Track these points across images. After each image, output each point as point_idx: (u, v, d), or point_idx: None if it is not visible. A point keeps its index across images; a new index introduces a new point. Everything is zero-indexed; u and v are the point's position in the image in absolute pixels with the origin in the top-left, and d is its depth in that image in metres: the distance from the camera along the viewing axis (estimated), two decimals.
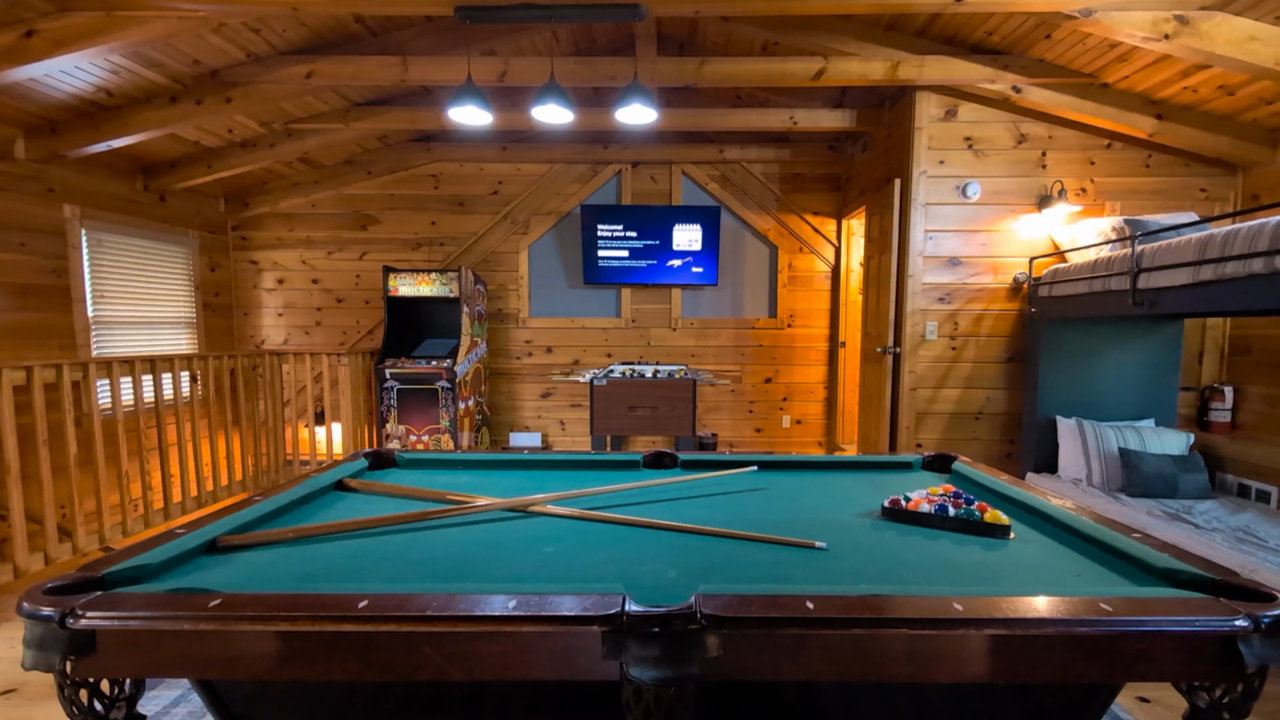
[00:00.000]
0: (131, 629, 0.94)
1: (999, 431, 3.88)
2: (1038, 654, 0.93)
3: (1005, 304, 3.79)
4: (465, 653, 0.93)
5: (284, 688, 1.15)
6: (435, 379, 4.48)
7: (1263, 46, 2.70)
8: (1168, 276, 2.63)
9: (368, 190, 5.23)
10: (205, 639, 0.94)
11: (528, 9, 2.64)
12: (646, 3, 2.64)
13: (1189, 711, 1.04)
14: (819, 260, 5.26)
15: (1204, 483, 3.19)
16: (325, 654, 0.94)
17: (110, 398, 3.38)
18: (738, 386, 5.35)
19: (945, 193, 3.74)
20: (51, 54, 2.78)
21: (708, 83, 3.54)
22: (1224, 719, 1.00)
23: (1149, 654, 0.94)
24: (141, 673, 0.97)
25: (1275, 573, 2.23)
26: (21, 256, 3.59)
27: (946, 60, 3.41)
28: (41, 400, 2.92)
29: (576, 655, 0.94)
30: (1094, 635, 0.93)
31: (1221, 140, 3.46)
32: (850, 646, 0.93)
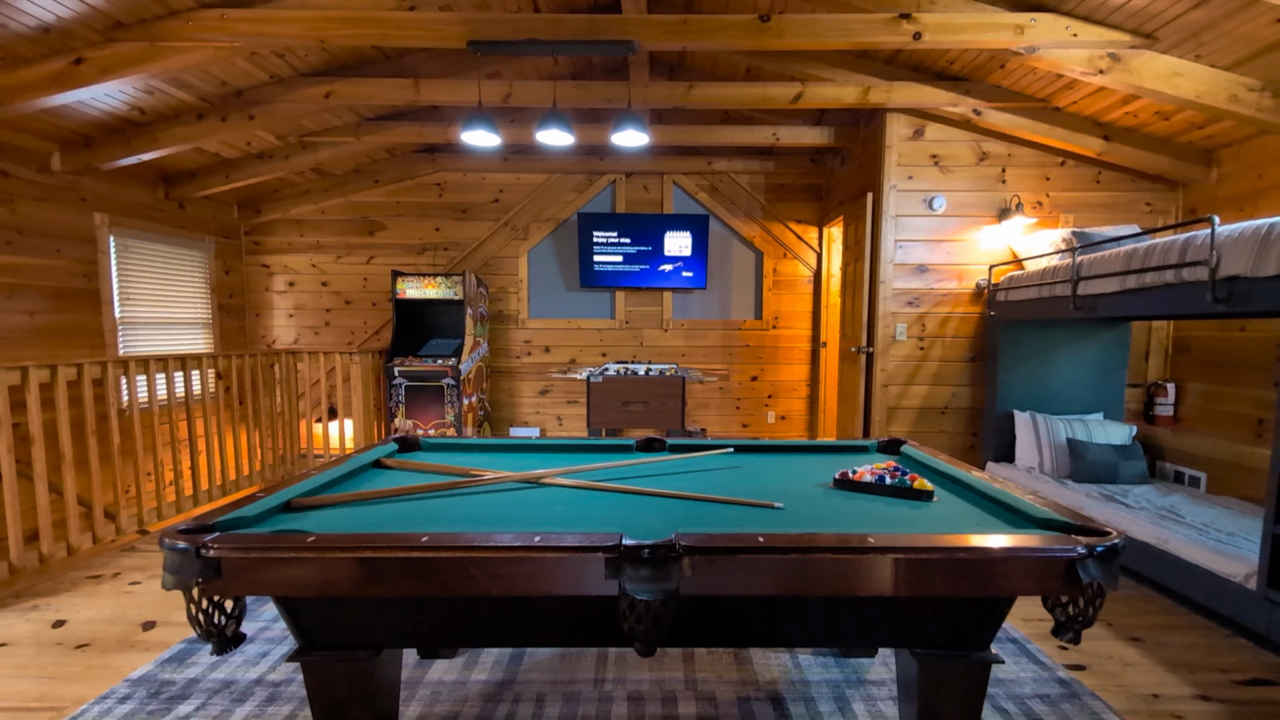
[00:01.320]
0: (250, 558, 1.24)
1: (963, 425, 4.21)
2: (929, 574, 1.25)
3: (968, 307, 4.13)
4: (502, 574, 1.24)
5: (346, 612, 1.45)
6: (441, 376, 4.78)
7: (1185, 81, 3.05)
8: (1101, 284, 2.97)
9: (375, 198, 5.51)
10: (305, 565, 1.24)
11: (533, 44, 2.95)
12: (638, 39, 2.95)
13: (1054, 625, 1.36)
14: (802, 265, 5.59)
15: (1142, 469, 3.54)
16: (397, 576, 1.24)
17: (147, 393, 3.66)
18: (725, 384, 5.67)
19: (914, 205, 4.07)
20: (98, 80, 3.06)
21: (695, 104, 3.85)
22: (1076, 627, 1.32)
23: (1011, 574, 1.26)
24: (255, 592, 1.27)
25: (1184, 542, 2.56)
26: (57, 262, 3.85)
27: (913, 86, 3.75)
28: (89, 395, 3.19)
29: (585, 576, 1.25)
30: (970, 560, 1.25)
31: (1162, 160, 3.81)
32: (790, 568, 1.25)
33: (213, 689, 1.96)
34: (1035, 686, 2.00)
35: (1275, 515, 2.12)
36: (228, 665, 2.09)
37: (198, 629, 1.28)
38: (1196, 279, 2.44)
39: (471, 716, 1.83)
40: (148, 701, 1.89)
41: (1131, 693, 2.00)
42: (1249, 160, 3.55)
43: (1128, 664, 2.17)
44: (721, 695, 1.94)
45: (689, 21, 2.96)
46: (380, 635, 1.45)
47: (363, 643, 1.46)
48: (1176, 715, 1.88)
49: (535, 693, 1.95)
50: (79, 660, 2.14)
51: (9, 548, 2.71)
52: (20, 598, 2.64)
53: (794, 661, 2.14)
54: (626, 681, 2.00)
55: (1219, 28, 2.78)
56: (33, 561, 2.78)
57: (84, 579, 2.84)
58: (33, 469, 2.83)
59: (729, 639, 1.47)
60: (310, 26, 2.93)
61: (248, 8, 2.96)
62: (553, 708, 1.87)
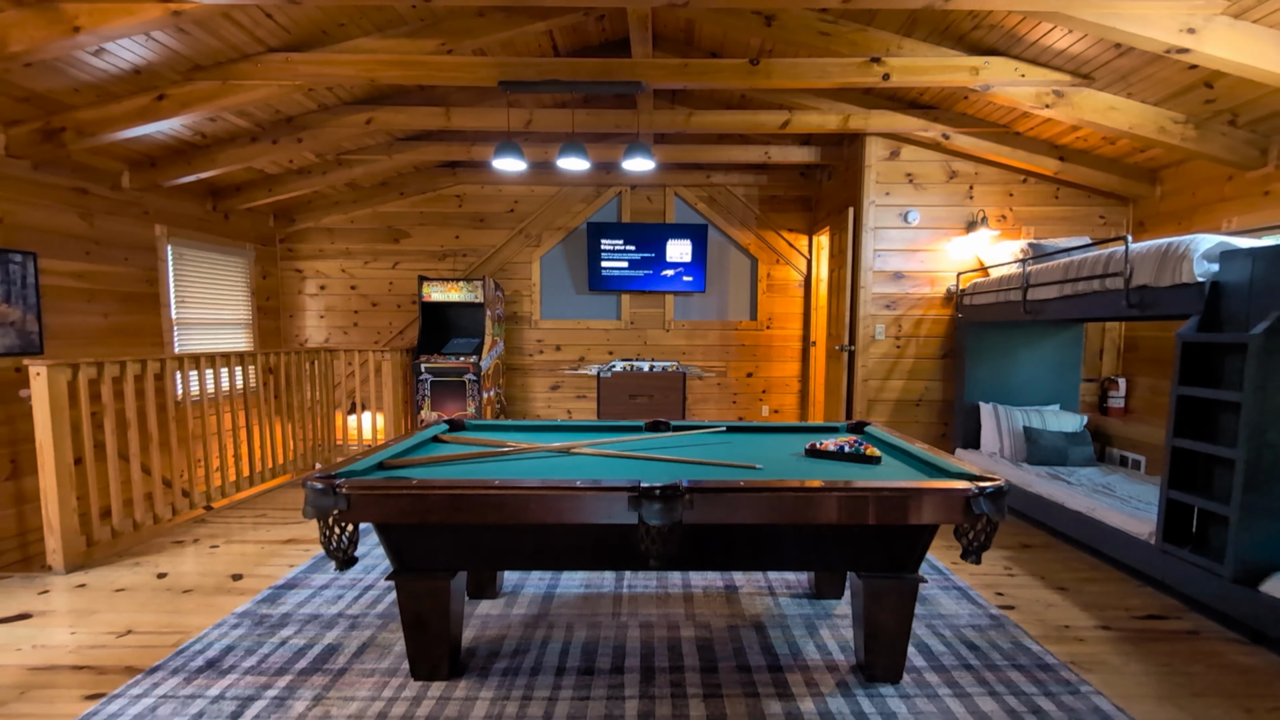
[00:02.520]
0: (373, 494, 1.71)
1: (936, 415, 4.68)
2: (863, 506, 1.72)
3: (940, 310, 4.60)
4: (553, 507, 1.71)
5: (429, 542, 1.91)
6: (463, 372, 5.24)
7: (1120, 114, 3.52)
8: (1045, 291, 3.43)
9: (400, 208, 5.98)
10: (410, 499, 1.71)
11: (554, 83, 3.41)
12: (645, 79, 3.42)
13: (962, 551, 1.83)
14: (793, 270, 6.06)
15: (1090, 454, 4.00)
16: (476, 507, 1.71)
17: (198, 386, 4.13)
18: (723, 380, 6.14)
19: (891, 219, 4.54)
20: (177, 113, 3.54)
21: (695, 129, 4.32)
22: (975, 549, 1.78)
23: (924, 507, 1.73)
24: (374, 519, 1.74)
25: (1108, 510, 3.03)
26: (125, 269, 4.33)
27: (889, 114, 4.21)
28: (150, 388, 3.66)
29: (614, 509, 1.71)
30: (892, 496, 1.72)
31: (1112, 178, 4.28)
32: (763, 503, 1.71)
33: (304, 619, 2.43)
34: (970, 620, 2.47)
35: (1169, 484, 2.59)
36: (312, 603, 2.56)
37: (328, 549, 1.75)
38: (1115, 287, 2.90)
39: (516, 638, 2.30)
40: (254, 628, 2.36)
41: (1048, 625, 2.46)
42: (1185, 180, 4.02)
43: (1050, 605, 2.63)
44: (715, 624, 2.41)
45: (689, 65, 3.43)
46: (452, 561, 1.92)
47: (440, 567, 1.93)
48: (1079, 639, 2.35)
49: (565, 622, 2.42)
50: (188, 601, 2.61)
51: (112, 515, 3.18)
52: (122, 556, 3.11)
53: (775, 602, 2.60)
54: (639, 615, 2.47)
55: (1142, 72, 3.25)
56: (128, 527, 3.26)
57: (169, 544, 3.31)
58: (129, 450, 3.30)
59: (719, 563, 1.94)
60: (363, 68, 3.40)
61: (308, 51, 3.43)
62: (580, 632, 2.34)
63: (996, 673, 2.09)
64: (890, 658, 2.00)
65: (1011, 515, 3.86)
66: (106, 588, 2.74)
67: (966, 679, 2.05)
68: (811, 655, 2.19)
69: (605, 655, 2.17)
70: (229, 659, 2.14)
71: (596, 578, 2.83)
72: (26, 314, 3.64)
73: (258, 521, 3.65)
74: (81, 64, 3.16)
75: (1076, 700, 1.94)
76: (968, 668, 2.12)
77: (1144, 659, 2.21)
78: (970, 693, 1.97)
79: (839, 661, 2.16)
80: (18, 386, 3.58)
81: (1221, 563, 2.36)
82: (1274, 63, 2.70)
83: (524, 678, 2.04)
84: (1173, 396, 2.57)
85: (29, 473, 3.63)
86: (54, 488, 2.85)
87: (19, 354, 3.59)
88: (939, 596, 2.68)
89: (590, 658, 2.16)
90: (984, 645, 2.27)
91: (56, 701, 1.92)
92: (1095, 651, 2.26)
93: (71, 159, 3.87)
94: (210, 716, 1.83)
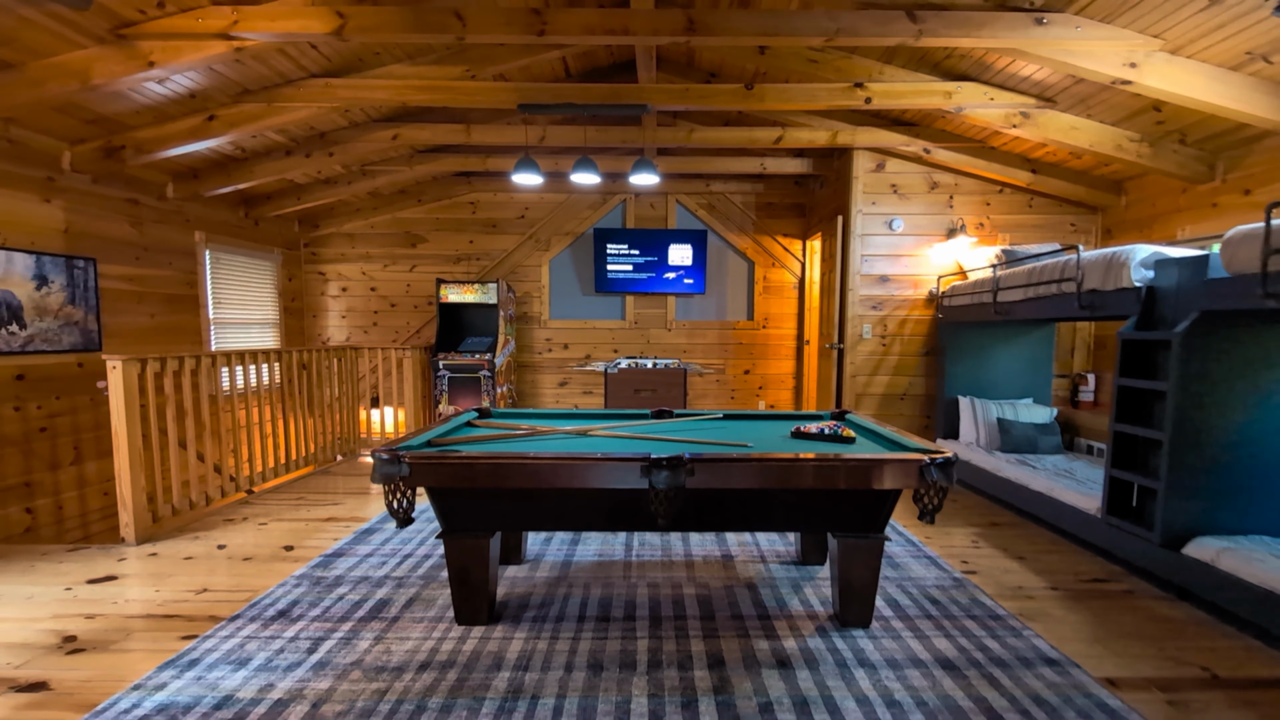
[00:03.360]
0: (430, 463, 2.07)
1: (919, 409, 5.04)
2: (835, 473, 2.08)
3: (922, 311, 4.96)
4: (578, 474, 2.07)
5: (472, 507, 2.27)
6: (479, 369, 5.60)
7: (1081, 134, 3.88)
8: (1012, 294, 3.79)
9: (418, 215, 6.35)
10: (461, 467, 2.07)
11: (568, 106, 3.77)
12: (650, 102, 3.78)
13: (919, 513, 2.19)
14: (788, 273, 6.42)
15: (1058, 443, 4.36)
16: (514, 475, 2.07)
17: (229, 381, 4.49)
18: (721, 377, 6.50)
19: (877, 226, 4.90)
20: (225, 133, 3.90)
21: (696, 144, 4.68)
22: (930, 511, 2.14)
23: (885, 474, 2.09)
24: (431, 483, 2.10)
25: (1065, 490, 3.39)
26: (169, 272, 4.69)
27: (874, 130, 4.57)
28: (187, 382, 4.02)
29: (627, 476, 2.07)
30: (858, 466, 2.08)
31: (1080, 189, 4.64)
32: (752, 471, 2.07)
33: (355, 580, 2.79)
34: (935, 582, 2.83)
35: (1112, 464, 2.95)
36: (360, 568, 2.92)
37: (391, 509, 2.12)
38: (1070, 291, 3.26)
39: (541, 595, 2.66)
40: (313, 587, 2.72)
41: (1003, 586, 2.82)
42: (1146, 191, 4.38)
43: (1008, 570, 2.99)
44: (713, 584, 2.77)
45: (690, 89, 3.79)
46: (491, 522, 2.28)
47: (481, 528, 2.29)
48: (1030, 597, 2.71)
49: (583, 582, 2.78)
50: (249, 567, 2.98)
51: (173, 494, 3.54)
52: (182, 531, 3.47)
53: (765, 567, 2.96)
54: (646, 577, 2.83)
55: (1098, 97, 3.61)
56: (185, 506, 3.62)
57: (220, 521, 3.67)
58: (185, 437, 3.66)
59: (716, 524, 2.30)
60: (395, 92, 3.76)
61: (346, 77, 3.79)
62: (595, 590, 2.70)
63: (953, 621, 2.45)
64: (861, 606, 2.36)
65: (983, 497, 4.22)
66: (175, 556, 3.10)
67: (927, 625, 2.41)
68: (795, 607, 2.55)
69: (619, 607, 2.54)
70: (296, 610, 2.50)
71: (608, 547, 3.19)
72: (88, 314, 4.00)
73: (297, 503, 4.01)
74: (144, 90, 3.52)
75: (1018, 641, 2.30)
76: (929, 617, 2.48)
77: (1082, 612, 2.57)
78: (928, 635, 2.33)
79: (819, 612, 2.52)
80: (82, 381, 3.94)
81: (1152, 530, 2.72)
82: (1205, 93, 3.06)
83: (550, 624, 2.40)
84: (1115, 387, 2.93)
85: (89, 459, 4.00)
86: (127, 468, 3.21)
87: (81, 351, 3.96)
88: (910, 564, 3.04)
89: (606, 609, 2.52)
90: (945, 601, 2.63)
91: (159, 640, 2.28)
92: (1041, 606, 2.62)
93: (125, 173, 4.23)
94: (290, 651, 2.19)
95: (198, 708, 1.87)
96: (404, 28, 2.91)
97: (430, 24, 2.91)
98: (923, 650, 2.23)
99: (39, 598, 2.63)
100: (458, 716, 1.83)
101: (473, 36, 2.91)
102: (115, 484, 3.32)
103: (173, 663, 2.12)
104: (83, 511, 3.97)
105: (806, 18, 2.93)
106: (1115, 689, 2.01)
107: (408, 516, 2.15)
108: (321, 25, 2.90)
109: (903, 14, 2.93)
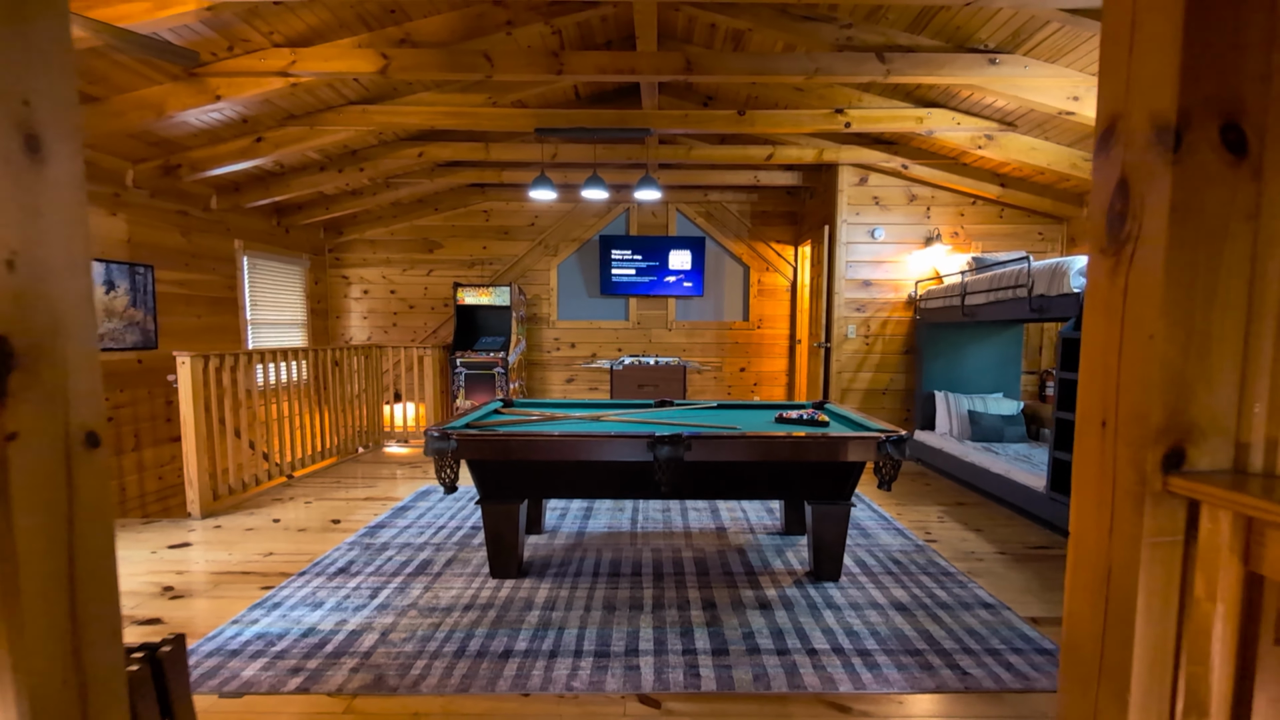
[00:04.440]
0: (474, 440, 2.51)
1: (899, 403, 5.48)
2: (809, 448, 2.52)
3: (902, 313, 5.40)
4: (595, 448, 2.52)
5: (504, 479, 2.71)
6: (493, 366, 6.05)
7: (1040, 154, 4.32)
8: (976, 298, 4.24)
9: (435, 222, 6.79)
10: (499, 443, 2.52)
11: (580, 130, 4.21)
12: (653, 126, 4.22)
13: (878, 482, 2.63)
14: (781, 277, 6.86)
15: (1022, 433, 4.80)
16: (541, 448, 2.52)
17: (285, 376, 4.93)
18: (719, 374, 6.94)
19: (860, 235, 5.34)
20: (270, 153, 4.34)
21: (694, 161, 5.12)
22: (887, 479, 2.59)
23: (850, 448, 2.53)
24: (475, 456, 2.54)
25: (1020, 472, 3.83)
26: (212, 277, 5.13)
27: (856, 149, 5.02)
28: (227, 377, 4.46)
29: (636, 450, 2.51)
30: (827, 442, 2.52)
31: (1045, 201, 5.08)
32: (740, 446, 2.52)
33: (400, 546, 3.23)
34: (900, 548, 3.27)
35: (1054, 446, 3.39)
36: (402, 536, 3.36)
37: (440, 478, 2.56)
38: (1023, 295, 3.71)
39: (560, 558, 3.10)
40: (364, 551, 3.16)
41: (958, 551, 3.26)
42: None
43: (964, 540, 3.44)
44: (708, 550, 3.21)
45: (689, 114, 4.24)
46: (521, 490, 2.73)
47: (512, 496, 2.74)
48: (979, 559, 3.15)
49: (595, 548, 3.22)
50: (304, 536, 3.42)
51: (228, 476, 3.99)
52: (238, 508, 3.91)
53: (753, 537, 3.41)
54: (650, 544, 3.27)
55: (1052, 122, 4.06)
56: (239, 487, 4.06)
57: (269, 500, 4.11)
58: (241, 426, 4.10)
59: (710, 493, 2.75)
60: (425, 118, 4.21)
61: (381, 104, 4.23)
62: (606, 554, 3.14)
63: (910, 576, 2.89)
64: (832, 563, 2.80)
65: (953, 481, 4.66)
66: (238, 528, 3.55)
67: (887, 580, 2.85)
68: (777, 566, 3.00)
69: (626, 566, 2.98)
70: (354, 567, 2.95)
71: (616, 520, 3.63)
72: (147, 316, 4.45)
73: (336, 485, 4.46)
74: (204, 116, 3.97)
75: (963, 591, 2.74)
76: (890, 574, 2.92)
77: (1022, 571, 3.01)
78: (888, 586, 2.78)
79: (797, 570, 2.96)
80: (142, 376, 4.39)
81: None
82: None
83: (570, 578, 2.84)
84: (1056, 379, 3.38)
85: (147, 446, 4.44)
86: (194, 451, 3.66)
87: (141, 349, 4.40)
88: (880, 534, 3.48)
89: (616, 568, 2.96)
90: (905, 561, 3.07)
91: (242, 590, 2.72)
92: (988, 566, 3.06)
93: (178, 188, 4.68)
94: (355, 597, 2.64)
95: (289, 635, 2.31)
96: (440, 68, 3.35)
97: (463, 64, 3.35)
98: (881, 597, 2.67)
99: (131, 559, 3.08)
100: (500, 641, 2.27)
101: (499, 76, 3.35)
102: (177, 466, 3.76)
103: (259, 605, 2.56)
104: (141, 493, 4.42)
105: (790, 59, 3.38)
106: (1036, 625, 2.45)
107: (454, 484, 2.59)
108: (368, 65, 3.34)
109: (873, 55, 3.37)
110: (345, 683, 2.00)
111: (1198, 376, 0.78)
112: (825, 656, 2.18)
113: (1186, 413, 0.78)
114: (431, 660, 2.14)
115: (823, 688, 2.00)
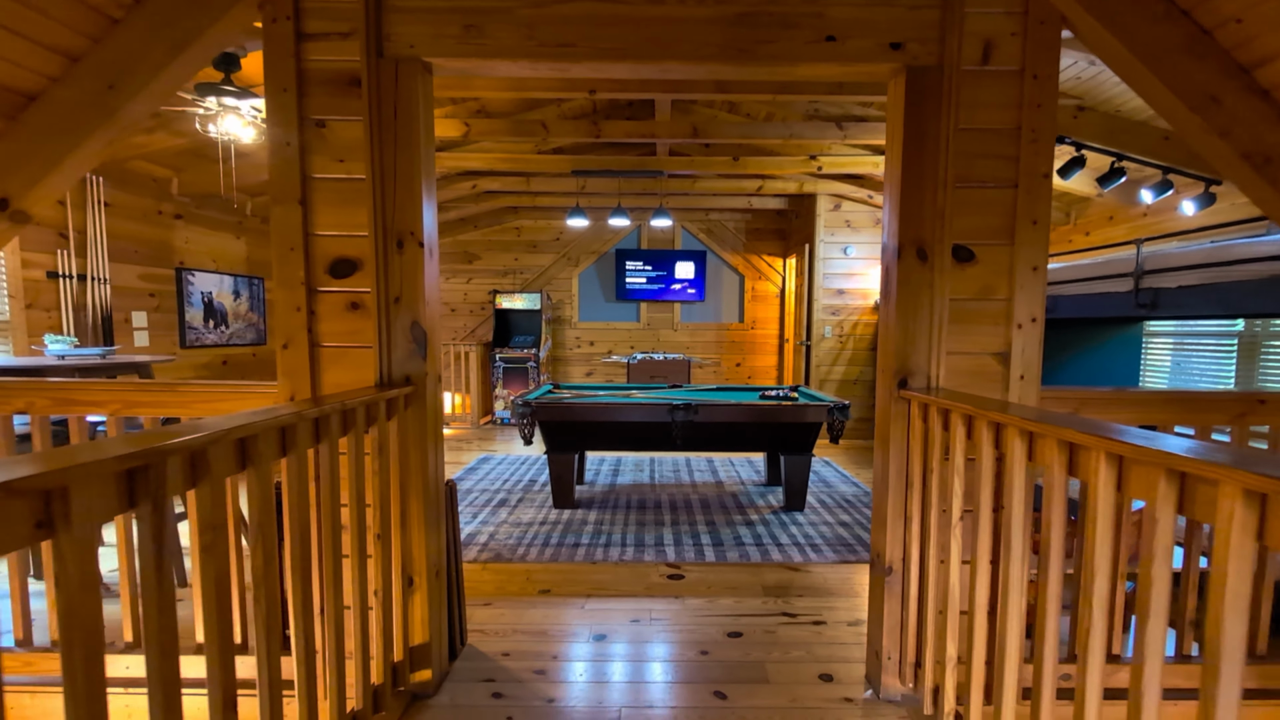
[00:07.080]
0: (547, 405, 3.61)
1: (866, 390, 6.58)
2: (783, 412, 3.63)
3: (869, 316, 6.50)
4: (629, 413, 3.62)
5: (564, 436, 3.80)
6: (526, 361, 7.14)
7: None
8: None
9: (473, 237, 7.89)
10: (564, 408, 3.62)
11: (608, 172, 5.32)
12: (665, 169, 5.33)
13: (829, 437, 3.73)
14: (771, 285, 7.96)
15: None
16: (594, 411, 3.62)
17: None
18: (718, 369, 8.04)
19: (835, 252, 6.44)
20: None
21: (696, 192, 6.22)
22: (836, 435, 3.69)
23: (808, 413, 3.63)
24: (545, 419, 3.64)
25: None
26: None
27: (831, 182, 6.12)
28: None
29: (660, 414, 3.62)
30: (794, 408, 3.63)
31: None
32: (733, 411, 3.62)
33: (479, 490, 4.33)
34: (852, 494, 4.37)
35: None
36: (479, 484, 4.46)
37: (521, 433, 3.67)
38: None
39: (600, 499, 4.20)
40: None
41: None
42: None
43: None
44: (709, 495, 4.31)
45: (695, 160, 5.35)
46: (576, 444, 3.84)
47: (570, 448, 3.85)
48: None
49: (625, 493, 4.32)
50: None
51: None
52: None
53: (744, 487, 4.51)
54: (666, 491, 4.38)
55: None
56: None
57: None
58: None
59: (714, 446, 3.86)
60: (485, 162, 5.31)
61: (450, 150, 5.33)
62: (634, 497, 4.24)
63: (853, 509, 3.99)
64: (797, 497, 3.91)
65: None
66: None
67: (837, 510, 3.96)
68: (760, 504, 4.10)
69: (650, 504, 4.08)
70: None
71: (639, 477, 4.73)
72: (260, 318, 5.55)
73: None
74: None
75: None
76: (840, 507, 4.03)
77: None
78: (836, 513, 3.88)
79: (773, 505, 4.06)
80: (253, 366, 5.48)
81: None
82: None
83: (609, 510, 3.94)
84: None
85: None
86: None
87: (254, 345, 5.50)
88: (839, 484, 4.59)
89: (642, 505, 4.07)
90: (853, 499, 4.18)
91: None
92: None
93: None
94: (461, 518, 3.74)
95: None
96: (507, 133, 4.46)
97: (524, 130, 4.45)
98: (830, 518, 3.78)
99: None
100: (570, 539, 3.38)
101: (553, 140, 4.45)
102: None
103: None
104: None
105: (771, 126, 4.48)
106: None
107: (530, 438, 3.70)
108: (454, 131, 4.44)
109: (834, 124, 4.48)
110: (478, 555, 3.11)
111: (910, 348, 1.88)
112: (787, 548, 3.29)
113: (906, 364, 1.89)
114: (528, 548, 3.25)
115: (783, 559, 3.11)
